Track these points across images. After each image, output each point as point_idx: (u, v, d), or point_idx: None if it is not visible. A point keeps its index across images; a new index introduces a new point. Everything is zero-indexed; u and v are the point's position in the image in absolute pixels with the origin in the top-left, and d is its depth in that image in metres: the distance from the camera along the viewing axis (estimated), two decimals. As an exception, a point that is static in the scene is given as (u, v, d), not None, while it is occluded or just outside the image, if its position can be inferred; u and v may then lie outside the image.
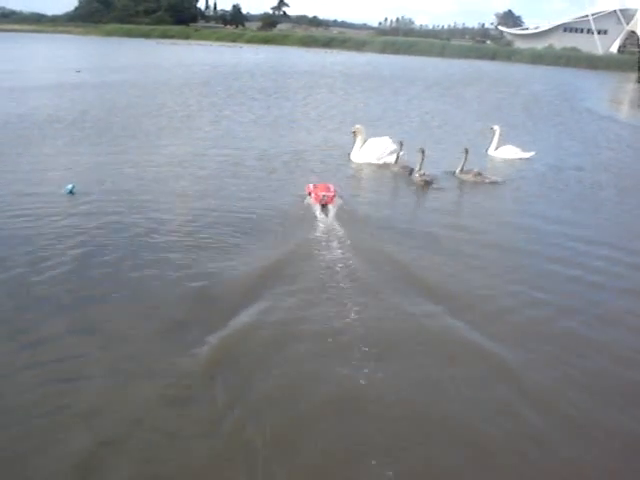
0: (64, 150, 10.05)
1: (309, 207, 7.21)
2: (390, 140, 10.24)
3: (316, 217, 6.85)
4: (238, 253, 5.71)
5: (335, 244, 5.93)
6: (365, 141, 10.20)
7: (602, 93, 33.75)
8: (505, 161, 11.20)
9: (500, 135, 11.46)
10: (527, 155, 11.33)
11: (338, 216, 6.87)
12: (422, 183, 8.84)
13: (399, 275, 5.40)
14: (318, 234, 6.24)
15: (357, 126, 10.27)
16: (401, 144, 9.91)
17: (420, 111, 18.22)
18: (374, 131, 11.01)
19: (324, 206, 7.12)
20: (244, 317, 4.43)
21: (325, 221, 6.70)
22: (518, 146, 11.51)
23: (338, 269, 5.34)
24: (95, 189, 7.64)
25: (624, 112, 25.03)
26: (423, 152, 9.02)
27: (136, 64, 31.72)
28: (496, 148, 11.50)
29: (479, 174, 9.26)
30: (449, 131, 14.62)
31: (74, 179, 7.79)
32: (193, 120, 14.03)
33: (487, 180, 9.21)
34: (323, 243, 5.97)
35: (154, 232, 6.19)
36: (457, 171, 9.40)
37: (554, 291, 5.37)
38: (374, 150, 10.10)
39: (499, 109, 20.09)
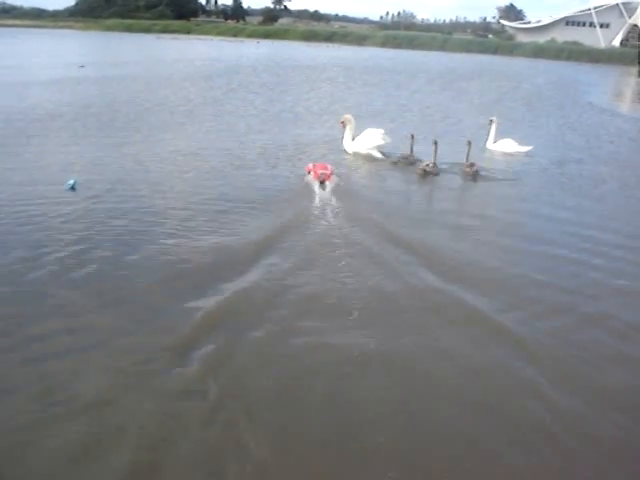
0: (66, 145, 10.09)
1: (309, 184, 7.98)
2: (384, 132, 10.21)
3: (315, 192, 7.67)
4: (243, 224, 6.34)
5: (330, 213, 6.84)
6: (353, 130, 10.27)
7: (604, 87, 33.65)
8: (504, 155, 11.16)
9: (497, 128, 11.36)
10: (524, 149, 11.20)
11: (334, 191, 7.73)
12: (421, 172, 8.99)
13: (385, 237, 6.16)
14: (316, 205, 7.17)
15: (346, 116, 10.35)
16: (412, 137, 9.94)
17: (422, 105, 18.22)
18: (376, 125, 11.02)
19: (322, 182, 7.93)
20: (249, 276, 5.00)
21: (322, 195, 7.57)
22: (517, 140, 11.42)
23: (332, 233, 6.17)
24: (97, 184, 7.66)
25: (626, 105, 24.98)
26: (436, 144, 9.21)
27: (137, 59, 31.71)
28: (494, 141, 11.42)
29: (471, 165, 9.26)
30: (451, 124, 14.63)
31: (76, 174, 7.82)
32: (195, 114, 14.06)
33: (469, 171, 9.12)
34: (320, 212, 6.89)
35: (158, 222, 6.31)
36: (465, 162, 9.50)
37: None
38: (368, 140, 10.15)
39: (501, 103, 20.08)
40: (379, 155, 10.09)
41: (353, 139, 10.30)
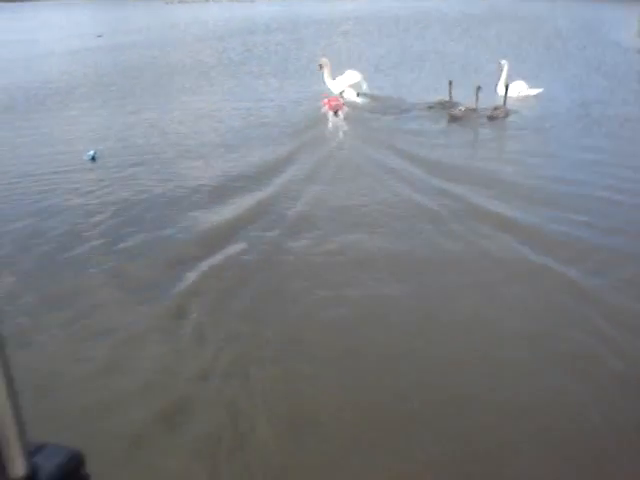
0: (86, 114, 10.30)
1: (324, 114, 9.59)
2: (360, 75, 10.75)
3: (329, 119, 9.41)
4: (267, 148, 7.79)
5: (341, 134, 8.71)
6: (330, 71, 10.91)
7: (628, 25, 32.35)
8: (516, 99, 10.68)
9: (509, 71, 10.92)
10: (535, 92, 10.90)
11: (346, 118, 9.42)
12: (450, 117, 9.22)
13: (389, 151, 7.52)
14: (330, 128, 9.02)
15: (323, 59, 11.13)
16: (450, 83, 10.09)
17: (441, 54, 17.83)
18: (397, 75, 10.95)
19: (335, 112, 9.52)
20: (276, 182, 6.50)
21: (335, 121, 9.34)
22: (530, 82, 11.05)
23: (343, 148, 7.87)
24: (117, 152, 7.86)
25: (653, 43, 24.03)
26: (479, 88, 9.38)
27: (150, 25, 31.49)
28: (506, 85, 10.91)
29: (497, 108, 9.46)
30: (471, 72, 14.31)
31: (97, 142, 8.00)
32: (212, 76, 14.08)
33: (497, 113, 9.36)
34: (333, 133, 8.79)
35: (179, 186, 6.58)
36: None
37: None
38: (347, 80, 10.70)
39: (520, 47, 19.49)
40: (356, 96, 10.64)
41: (334, 79, 10.86)
